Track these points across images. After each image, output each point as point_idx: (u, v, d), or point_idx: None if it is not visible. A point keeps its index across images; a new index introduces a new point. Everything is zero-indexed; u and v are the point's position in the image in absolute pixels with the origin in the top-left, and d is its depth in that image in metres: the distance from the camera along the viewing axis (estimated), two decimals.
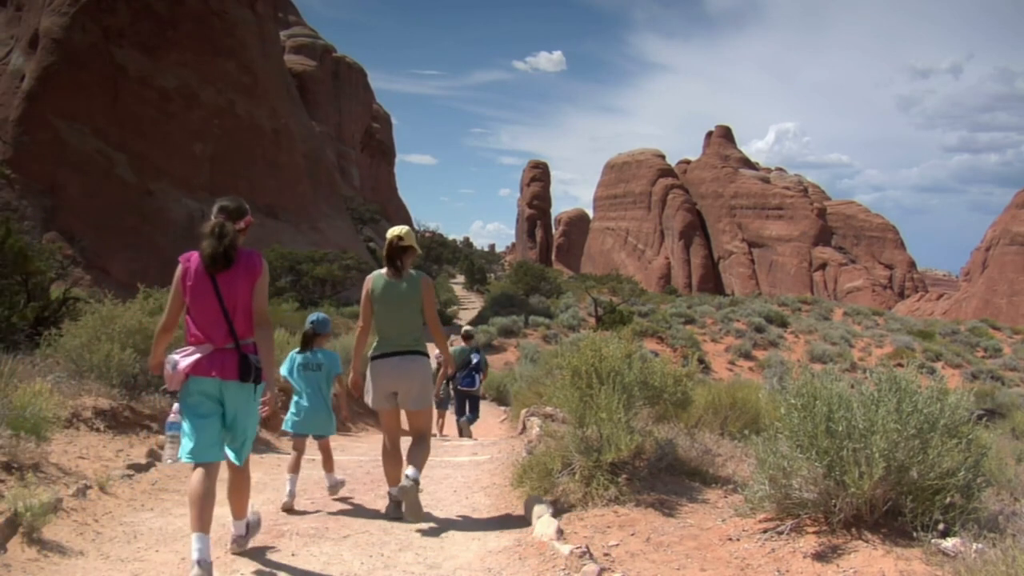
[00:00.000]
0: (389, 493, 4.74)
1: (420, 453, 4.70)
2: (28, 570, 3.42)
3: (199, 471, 3.47)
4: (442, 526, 4.50)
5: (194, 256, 3.62)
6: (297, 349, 5.45)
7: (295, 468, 5.09)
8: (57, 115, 29.58)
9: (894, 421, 3.36)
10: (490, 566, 3.72)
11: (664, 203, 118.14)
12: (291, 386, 5.43)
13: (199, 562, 3.28)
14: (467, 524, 4.54)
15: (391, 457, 4.77)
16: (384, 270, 4.75)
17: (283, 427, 5.58)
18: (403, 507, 4.58)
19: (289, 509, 4.87)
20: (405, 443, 4.79)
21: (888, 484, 3.36)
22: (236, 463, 3.68)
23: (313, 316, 5.54)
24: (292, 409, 5.38)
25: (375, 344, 4.77)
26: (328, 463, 5.39)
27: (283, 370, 5.38)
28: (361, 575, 3.64)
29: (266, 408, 3.66)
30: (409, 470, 4.56)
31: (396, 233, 4.76)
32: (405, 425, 4.89)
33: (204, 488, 3.43)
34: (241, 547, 3.89)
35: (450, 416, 11.53)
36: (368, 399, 4.77)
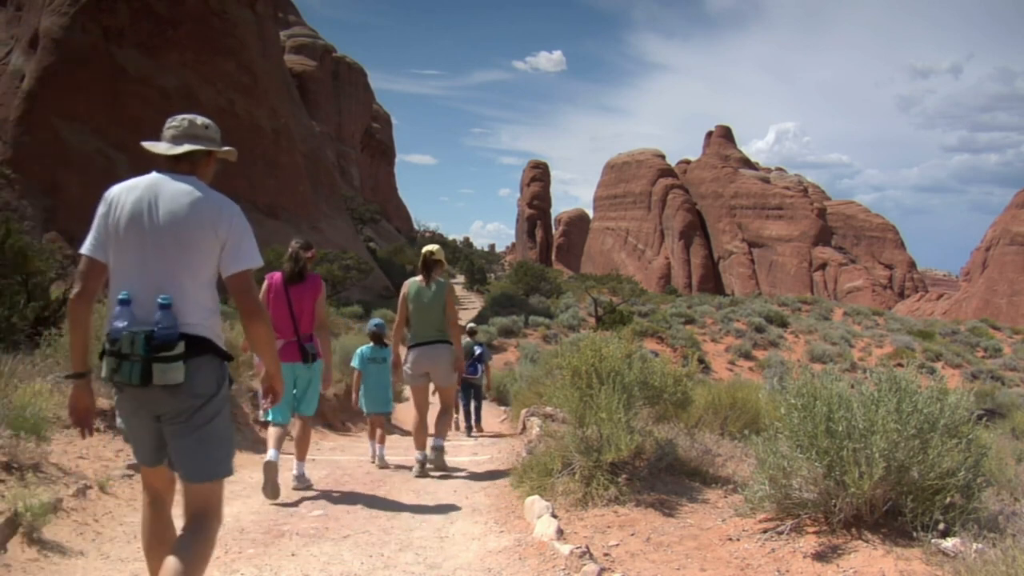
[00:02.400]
0: (416, 457, 6.03)
1: (444, 424, 6.22)
2: (28, 570, 3.41)
3: (276, 427, 5.25)
4: (442, 526, 4.50)
5: (276, 275, 5.33)
6: (367, 346, 7.04)
7: (373, 435, 6.90)
8: (57, 115, 29.56)
9: (894, 421, 3.36)
10: (490, 566, 3.72)
11: (664, 203, 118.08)
12: (361, 375, 7.04)
13: (267, 463, 5.04)
14: (467, 524, 4.54)
15: (421, 425, 6.05)
16: (419, 277, 6.04)
17: (357, 406, 7.22)
18: (431, 466, 6.01)
19: (384, 466, 6.54)
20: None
21: (888, 484, 3.36)
22: (305, 415, 5.46)
23: (376, 320, 7.26)
24: (362, 393, 7.03)
25: (411, 336, 6.06)
26: (382, 438, 6.94)
27: (354, 363, 7.03)
28: (361, 575, 3.63)
29: (326, 383, 5.51)
30: (433, 440, 6.06)
31: (429, 249, 6.09)
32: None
33: (279, 435, 5.24)
34: (301, 484, 5.35)
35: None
36: (404, 377, 6.10)
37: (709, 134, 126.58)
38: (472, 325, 13.43)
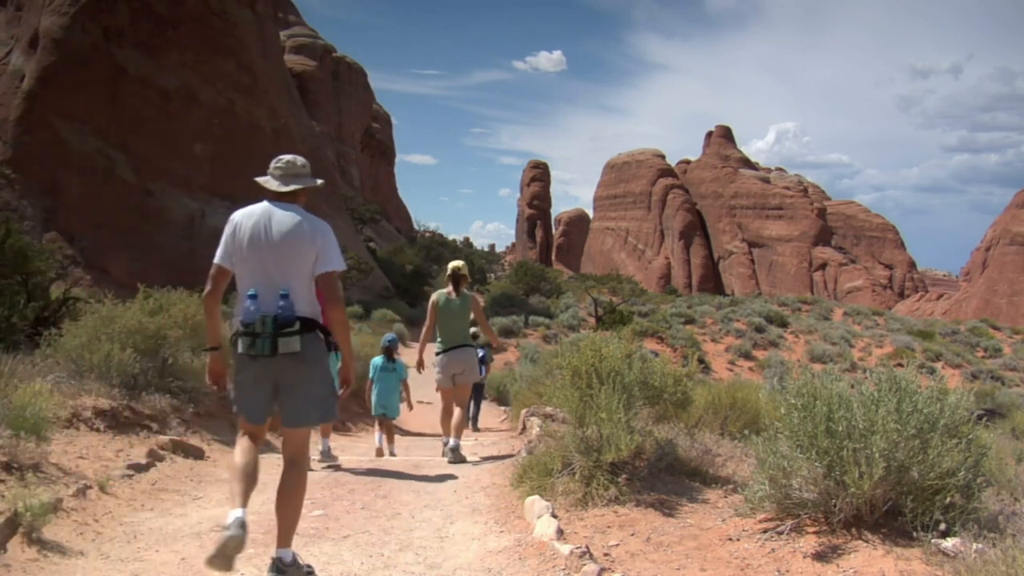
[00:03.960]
0: (443, 441, 6.97)
1: (460, 425, 6.88)
2: (28, 570, 3.41)
3: None
4: (442, 526, 4.50)
5: None
6: (379, 358, 7.97)
7: (379, 430, 7.85)
8: (57, 115, 29.53)
9: (894, 421, 3.36)
10: (490, 566, 3.72)
11: (664, 203, 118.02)
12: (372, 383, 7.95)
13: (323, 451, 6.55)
14: (467, 524, 4.54)
15: (447, 416, 6.93)
16: (446, 289, 6.86)
17: (372, 412, 8.12)
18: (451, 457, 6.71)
19: (380, 454, 7.51)
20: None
21: (888, 484, 3.36)
22: None
23: (389, 336, 8.25)
24: (374, 398, 7.91)
25: (439, 342, 6.83)
26: (391, 438, 8.08)
27: (369, 373, 7.92)
28: (361, 575, 3.64)
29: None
30: (451, 441, 6.74)
31: (457, 265, 6.93)
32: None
33: None
34: (326, 458, 6.46)
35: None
36: (436, 378, 6.93)
37: (709, 134, 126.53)
38: (475, 329, 13.62)
